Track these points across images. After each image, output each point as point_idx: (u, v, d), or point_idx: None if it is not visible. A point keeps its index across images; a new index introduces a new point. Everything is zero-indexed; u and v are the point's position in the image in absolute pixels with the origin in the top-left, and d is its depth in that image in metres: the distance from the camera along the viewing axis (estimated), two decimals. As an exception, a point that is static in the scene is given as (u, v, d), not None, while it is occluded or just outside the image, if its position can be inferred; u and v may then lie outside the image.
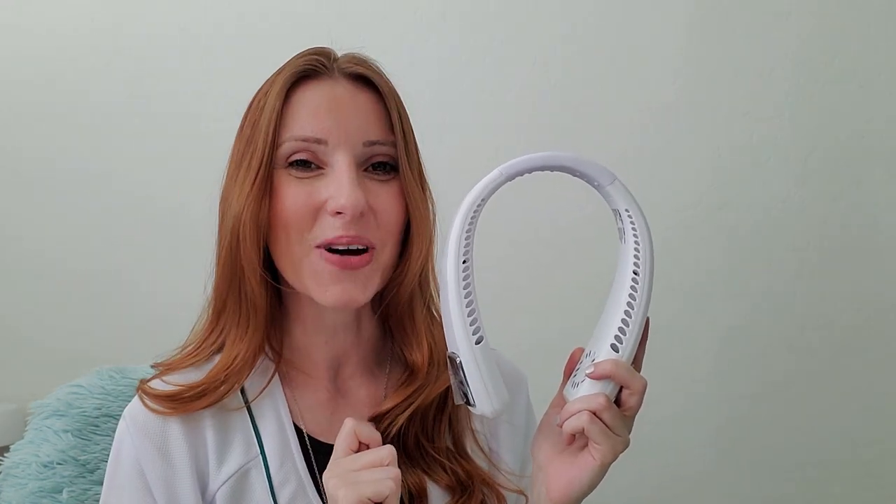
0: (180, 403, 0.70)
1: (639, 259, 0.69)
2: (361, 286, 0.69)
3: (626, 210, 0.70)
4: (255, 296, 0.70)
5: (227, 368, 0.70)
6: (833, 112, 1.19)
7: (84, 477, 0.87)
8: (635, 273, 0.68)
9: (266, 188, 0.68)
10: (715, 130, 1.22)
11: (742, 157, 1.21)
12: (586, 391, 0.64)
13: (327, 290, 0.68)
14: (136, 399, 0.72)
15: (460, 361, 0.63)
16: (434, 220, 0.75)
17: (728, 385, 1.22)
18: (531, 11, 1.24)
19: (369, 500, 0.60)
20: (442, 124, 1.24)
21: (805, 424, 1.20)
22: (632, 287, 0.68)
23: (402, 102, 0.74)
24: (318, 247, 0.68)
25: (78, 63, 1.33)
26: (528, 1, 1.25)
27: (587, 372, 0.64)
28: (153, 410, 0.70)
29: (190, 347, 0.75)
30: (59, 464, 0.87)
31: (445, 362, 0.67)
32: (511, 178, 0.67)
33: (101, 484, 0.86)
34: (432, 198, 0.75)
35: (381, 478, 0.61)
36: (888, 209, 1.19)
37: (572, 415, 0.63)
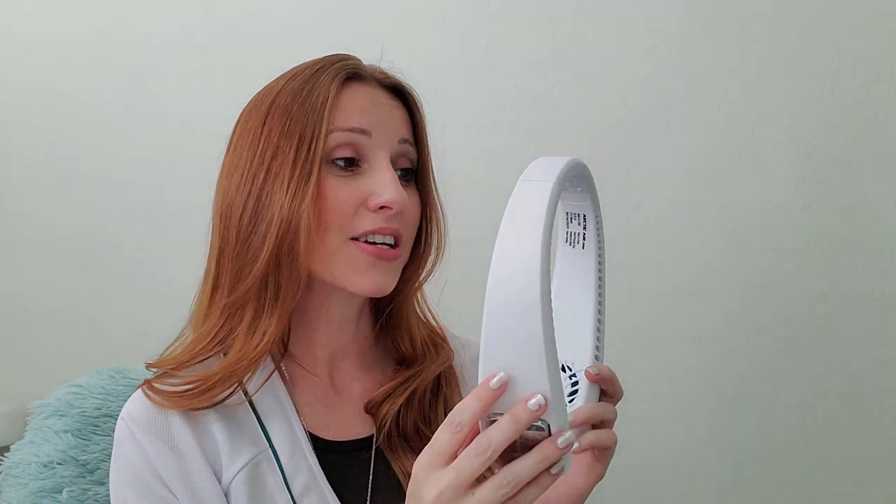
0: (193, 397, 0.70)
1: (602, 266, 0.67)
2: (392, 276, 0.73)
3: (596, 217, 0.67)
4: (295, 289, 0.71)
5: (239, 363, 0.70)
6: (833, 112, 1.19)
7: (84, 477, 0.87)
8: (600, 280, 0.67)
9: (318, 183, 0.69)
10: (715, 130, 1.22)
11: (742, 157, 1.21)
12: (585, 401, 0.63)
13: (364, 276, 0.71)
14: (132, 399, 0.72)
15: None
16: (444, 221, 0.80)
17: (727, 385, 1.21)
18: (531, 11, 1.25)
19: None
20: (443, 125, 1.24)
21: (805, 424, 1.20)
22: (599, 294, 0.67)
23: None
24: (354, 238, 0.71)
25: (78, 61, 1.33)
26: (529, 1, 1.25)
27: (590, 373, 0.64)
28: (162, 405, 0.70)
29: (200, 347, 0.74)
30: (59, 464, 0.87)
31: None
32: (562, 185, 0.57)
33: (102, 484, 0.86)
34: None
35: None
36: (888, 209, 1.18)
37: (587, 429, 0.65)
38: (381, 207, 0.70)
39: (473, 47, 1.25)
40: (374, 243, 0.71)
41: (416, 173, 0.77)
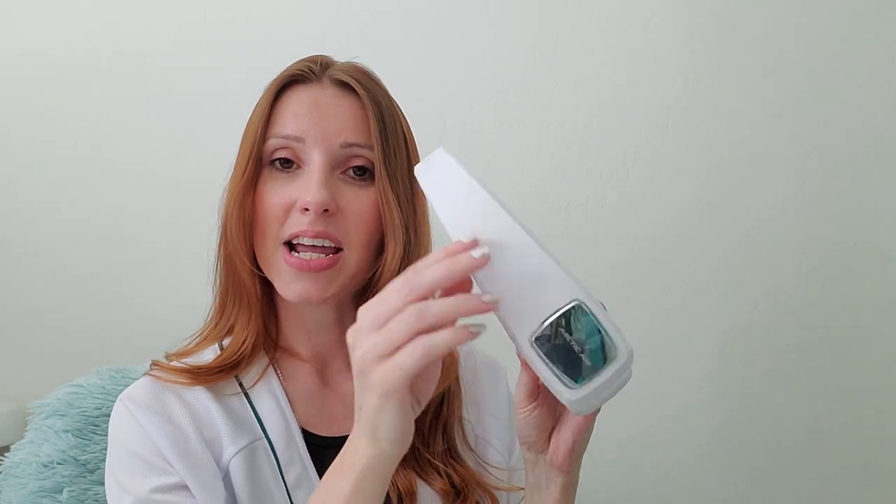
0: (197, 376, 0.73)
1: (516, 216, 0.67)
2: (322, 285, 0.71)
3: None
4: (248, 288, 0.74)
5: (239, 350, 0.74)
6: (833, 112, 1.19)
7: (84, 477, 0.87)
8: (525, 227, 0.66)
9: (251, 185, 0.73)
10: (715, 130, 1.22)
11: (742, 157, 1.21)
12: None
13: (288, 286, 0.71)
14: (132, 385, 0.75)
15: (584, 308, 0.53)
16: (418, 222, 0.76)
17: (728, 385, 1.21)
18: (531, 11, 1.24)
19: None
20: (442, 125, 1.24)
21: (805, 424, 1.20)
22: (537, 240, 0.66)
23: (391, 111, 0.76)
24: (285, 243, 0.71)
25: (77, 64, 1.33)
26: (530, 1, 1.25)
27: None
28: (168, 381, 0.73)
29: (201, 340, 0.78)
30: (59, 464, 0.87)
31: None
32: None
33: (102, 484, 0.86)
34: (417, 202, 0.76)
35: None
36: (888, 209, 1.18)
37: None
38: (305, 209, 0.70)
39: (473, 47, 1.25)
40: (296, 251, 0.71)
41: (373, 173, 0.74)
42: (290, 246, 0.71)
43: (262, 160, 0.73)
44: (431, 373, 0.57)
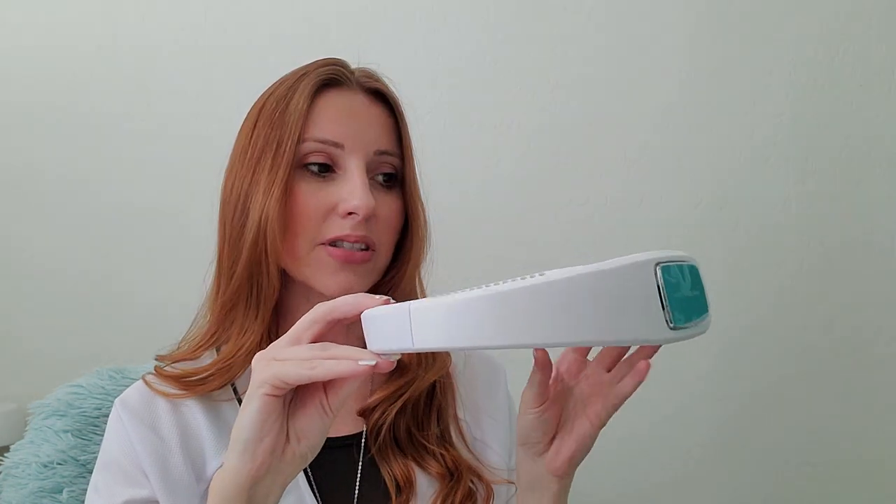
0: (189, 385, 0.73)
1: None
2: (362, 278, 0.73)
3: None
4: (272, 289, 0.73)
5: (233, 357, 0.73)
6: (833, 112, 1.19)
7: (84, 477, 0.87)
8: None
9: (288, 185, 0.71)
10: (715, 130, 1.22)
11: (742, 157, 1.21)
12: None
13: (333, 277, 0.71)
14: (129, 387, 0.75)
15: (688, 267, 0.55)
16: (426, 226, 0.79)
17: (728, 385, 1.21)
18: (532, 12, 1.24)
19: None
20: (442, 125, 1.24)
21: (805, 424, 1.20)
22: None
23: (405, 118, 0.78)
24: (323, 244, 0.71)
25: (74, 64, 1.33)
26: (529, 1, 1.25)
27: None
28: (162, 393, 0.73)
29: (198, 344, 0.77)
30: (59, 464, 0.87)
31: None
32: None
33: (102, 484, 0.86)
34: (424, 208, 0.79)
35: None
36: (888, 209, 1.19)
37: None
38: (349, 213, 0.70)
39: (474, 48, 1.25)
40: (341, 247, 0.71)
41: (400, 181, 0.77)
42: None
43: (294, 162, 0.72)
44: (345, 383, 0.56)
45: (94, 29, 1.32)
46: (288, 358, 0.53)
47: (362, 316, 0.55)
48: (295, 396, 0.56)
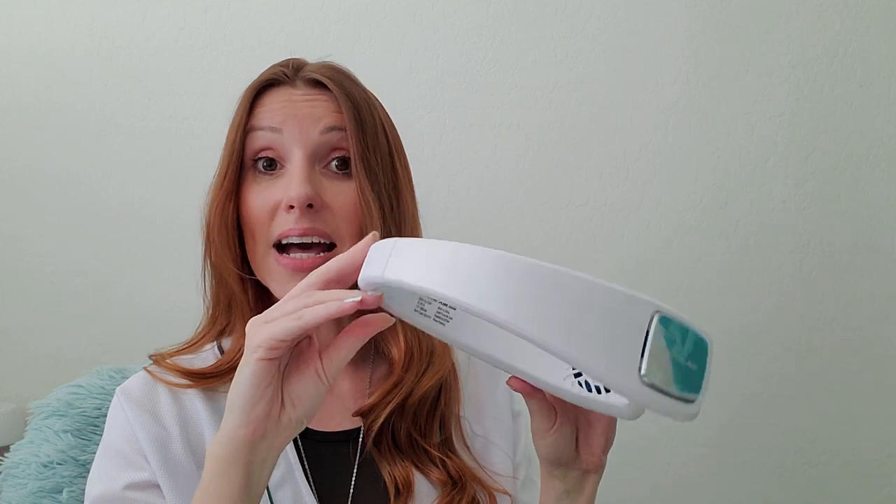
0: (196, 379, 0.73)
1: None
2: None
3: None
4: (237, 292, 0.74)
5: (234, 357, 0.73)
6: (833, 112, 1.19)
7: (84, 477, 0.87)
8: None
9: (233, 189, 0.72)
10: (715, 130, 1.22)
11: (742, 157, 1.21)
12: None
13: (284, 288, 0.70)
14: (130, 377, 0.76)
15: (665, 315, 0.44)
16: (401, 215, 0.75)
17: (728, 385, 1.21)
18: (532, 12, 1.24)
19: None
20: (441, 125, 1.24)
21: (804, 424, 1.20)
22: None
23: (367, 103, 0.75)
24: (274, 245, 0.71)
25: (74, 64, 1.32)
26: (530, 1, 1.25)
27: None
28: (165, 382, 0.73)
29: (194, 342, 0.78)
30: (59, 464, 0.87)
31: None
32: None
33: (102, 484, 0.86)
34: (400, 195, 0.75)
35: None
36: (888, 209, 1.19)
37: None
38: (291, 207, 0.69)
39: (475, 47, 1.25)
40: (287, 252, 0.70)
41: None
42: (281, 247, 0.71)
43: (243, 164, 0.72)
44: (339, 348, 0.54)
45: (94, 29, 1.32)
46: (276, 317, 0.52)
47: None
48: (290, 362, 0.55)
